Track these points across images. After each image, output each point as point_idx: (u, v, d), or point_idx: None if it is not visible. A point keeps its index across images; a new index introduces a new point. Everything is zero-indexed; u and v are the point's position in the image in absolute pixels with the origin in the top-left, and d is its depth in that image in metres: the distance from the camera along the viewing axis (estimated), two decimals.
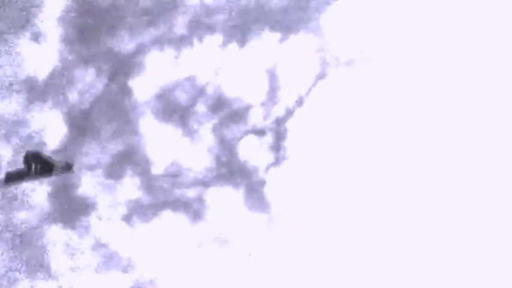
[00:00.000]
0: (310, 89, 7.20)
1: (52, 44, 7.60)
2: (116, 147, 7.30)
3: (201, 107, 7.30)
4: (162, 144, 7.27)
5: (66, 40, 7.58)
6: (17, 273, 7.09)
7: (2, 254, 7.14)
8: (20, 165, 7.23)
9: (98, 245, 7.13)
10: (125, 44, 7.48)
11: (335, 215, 6.94)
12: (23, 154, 7.28)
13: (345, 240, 6.89)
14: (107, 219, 7.16)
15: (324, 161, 7.06)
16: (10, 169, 5.76)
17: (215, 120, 7.27)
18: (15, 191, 7.22)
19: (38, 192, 7.26)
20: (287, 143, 7.13)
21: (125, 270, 7.06)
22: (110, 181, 7.24)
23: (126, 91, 7.41)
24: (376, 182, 6.95)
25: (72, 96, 7.45)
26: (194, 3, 7.47)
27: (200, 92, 7.32)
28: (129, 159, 7.27)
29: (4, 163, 7.32)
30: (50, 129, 7.40)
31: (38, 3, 7.66)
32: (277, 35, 7.31)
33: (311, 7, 7.31)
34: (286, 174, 7.07)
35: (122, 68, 7.46)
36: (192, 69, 7.39)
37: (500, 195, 6.78)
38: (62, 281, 7.07)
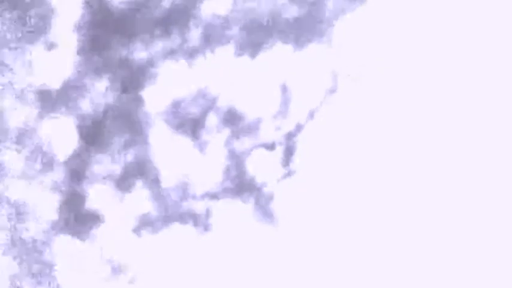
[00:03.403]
0: (321, 103, 7.15)
1: (65, 54, 7.63)
2: (126, 158, 7.30)
3: (212, 119, 7.28)
4: (172, 156, 7.26)
5: (79, 50, 7.61)
6: (24, 284, 7.11)
7: (10, 264, 7.17)
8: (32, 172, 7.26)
9: (106, 257, 7.13)
10: (138, 54, 7.50)
11: (344, 229, 6.89)
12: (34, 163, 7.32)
13: (354, 253, 6.84)
14: (115, 230, 7.16)
15: (334, 175, 7.00)
16: None
17: (226, 133, 7.24)
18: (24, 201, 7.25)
19: (46, 203, 7.28)
20: (296, 157, 7.08)
21: (132, 281, 7.05)
22: (119, 192, 7.24)
23: (138, 102, 7.41)
24: (386, 197, 6.90)
25: (85, 105, 7.48)
26: (207, 15, 7.46)
27: (211, 104, 7.30)
28: (139, 171, 7.27)
29: (17, 172, 7.36)
30: (61, 138, 7.43)
31: (52, 12, 7.70)
32: (289, 48, 7.27)
33: (323, 20, 7.27)
34: (295, 188, 7.02)
35: (135, 79, 7.47)
36: (204, 80, 7.38)
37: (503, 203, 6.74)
38: None
